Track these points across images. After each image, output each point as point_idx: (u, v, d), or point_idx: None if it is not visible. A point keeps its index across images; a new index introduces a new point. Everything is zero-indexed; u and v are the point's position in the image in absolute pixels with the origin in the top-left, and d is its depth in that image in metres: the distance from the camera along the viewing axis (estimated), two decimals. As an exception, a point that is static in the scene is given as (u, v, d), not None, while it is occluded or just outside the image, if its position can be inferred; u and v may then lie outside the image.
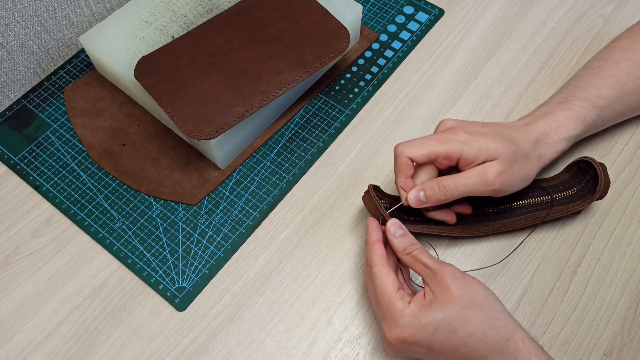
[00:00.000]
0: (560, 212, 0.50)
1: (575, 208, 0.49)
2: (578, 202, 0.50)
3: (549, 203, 0.51)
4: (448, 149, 0.45)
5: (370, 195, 0.47)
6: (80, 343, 0.47)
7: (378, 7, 0.67)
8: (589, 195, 0.49)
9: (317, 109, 0.59)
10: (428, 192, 0.45)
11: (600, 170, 0.48)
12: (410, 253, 0.43)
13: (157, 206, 0.54)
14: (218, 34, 0.55)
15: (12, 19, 0.54)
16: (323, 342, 0.47)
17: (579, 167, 0.51)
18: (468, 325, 0.39)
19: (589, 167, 0.50)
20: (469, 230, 0.50)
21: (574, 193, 0.51)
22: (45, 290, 0.49)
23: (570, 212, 0.50)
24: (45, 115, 0.59)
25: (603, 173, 0.48)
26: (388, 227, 0.45)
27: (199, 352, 0.47)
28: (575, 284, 0.50)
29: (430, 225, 0.50)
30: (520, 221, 0.50)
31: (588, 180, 0.50)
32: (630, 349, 0.47)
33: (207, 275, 0.50)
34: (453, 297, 0.40)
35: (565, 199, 0.51)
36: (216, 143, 0.51)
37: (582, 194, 0.50)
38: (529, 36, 0.65)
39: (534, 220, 0.50)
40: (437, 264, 0.42)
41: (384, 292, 0.42)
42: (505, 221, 0.51)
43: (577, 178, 0.51)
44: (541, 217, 0.50)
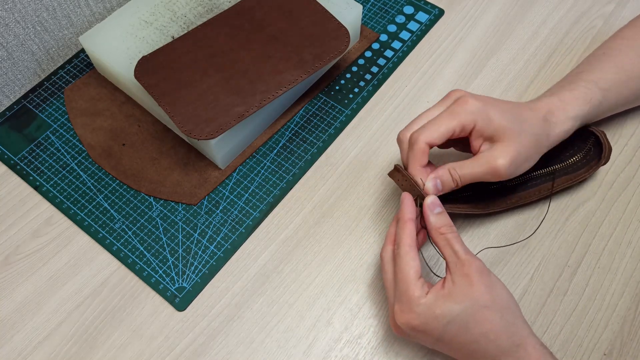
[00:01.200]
0: (570, 180, 0.51)
1: (582, 176, 0.51)
2: (584, 169, 0.52)
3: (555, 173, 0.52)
4: (462, 121, 0.44)
5: (402, 174, 0.46)
6: (80, 343, 0.47)
7: (378, 7, 0.67)
8: (594, 161, 0.51)
9: (317, 109, 0.59)
10: (443, 179, 0.44)
11: (602, 136, 0.51)
12: (445, 234, 0.42)
13: (157, 206, 0.54)
14: (218, 34, 0.55)
15: (12, 19, 0.54)
16: (323, 342, 0.47)
17: (578, 134, 0.52)
18: (483, 325, 0.39)
19: (589, 135, 0.52)
20: (489, 207, 0.50)
21: (578, 160, 0.52)
22: (45, 290, 0.50)
23: (578, 180, 0.51)
24: (45, 115, 0.59)
25: (605, 139, 0.51)
26: (428, 203, 0.43)
27: (199, 352, 0.47)
28: (575, 284, 0.50)
29: (457, 205, 0.49)
30: (535, 193, 0.51)
31: (589, 147, 0.52)
32: (630, 349, 0.47)
33: (207, 275, 0.50)
34: (475, 293, 0.39)
35: (570, 166, 0.52)
36: (216, 143, 0.51)
37: (586, 162, 0.52)
38: (529, 36, 0.65)
39: (548, 191, 0.51)
40: (468, 255, 0.41)
41: (405, 275, 0.41)
42: (521, 194, 0.51)
43: (577, 147, 0.53)
44: (551, 188, 0.51)
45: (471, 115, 0.44)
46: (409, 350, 0.47)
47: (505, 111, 0.45)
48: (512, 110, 0.45)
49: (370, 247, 0.52)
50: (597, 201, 0.54)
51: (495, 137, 0.44)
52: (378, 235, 0.52)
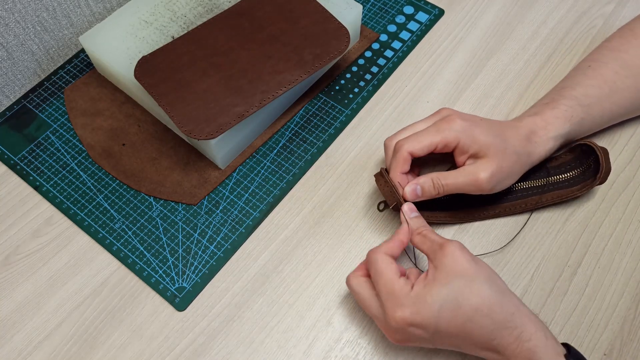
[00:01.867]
0: (560, 196, 0.51)
1: (575, 193, 0.51)
2: (578, 186, 0.51)
3: (546, 187, 0.52)
4: (446, 138, 0.46)
5: (385, 180, 0.48)
6: (80, 343, 0.47)
7: (378, 7, 0.67)
8: (590, 180, 0.51)
9: (317, 109, 0.59)
10: (424, 186, 0.47)
11: (602, 156, 0.49)
12: (421, 232, 0.44)
13: (157, 206, 0.54)
14: (218, 34, 0.55)
15: (12, 19, 0.54)
16: (323, 342, 0.47)
17: (582, 150, 0.52)
18: (473, 298, 0.39)
19: (591, 151, 0.51)
20: (471, 216, 0.51)
21: (575, 176, 0.52)
22: (45, 290, 0.49)
23: (570, 197, 0.51)
24: (45, 115, 0.59)
25: (604, 159, 0.49)
26: (405, 210, 0.47)
27: (199, 352, 0.47)
28: (575, 284, 0.50)
29: (434, 213, 0.50)
30: (520, 205, 0.51)
31: (590, 164, 0.51)
32: (630, 349, 0.47)
33: (207, 275, 0.50)
34: (458, 270, 0.40)
35: (565, 181, 0.52)
36: (216, 143, 0.51)
37: (583, 178, 0.51)
38: (529, 36, 0.65)
39: (534, 205, 0.51)
40: (444, 239, 0.43)
41: (386, 277, 0.42)
42: (505, 205, 0.51)
43: (579, 160, 0.52)
44: (540, 201, 0.51)
45: (455, 133, 0.46)
46: (409, 350, 0.47)
47: (490, 130, 0.47)
48: (496, 129, 0.48)
49: (370, 247, 0.51)
50: (597, 201, 0.54)
51: (479, 154, 0.46)
52: (378, 235, 0.52)
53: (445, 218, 0.51)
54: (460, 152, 0.47)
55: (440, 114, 0.49)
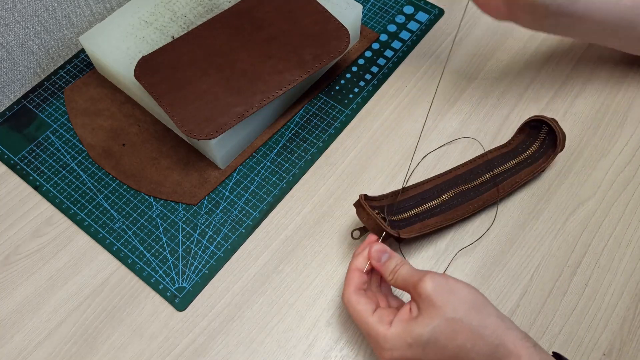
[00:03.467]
0: (532, 172, 0.53)
1: (542, 166, 0.53)
2: (542, 158, 0.53)
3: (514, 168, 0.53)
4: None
5: (366, 211, 0.46)
6: (80, 343, 0.47)
7: (378, 7, 0.67)
8: (550, 150, 0.53)
9: (317, 109, 0.59)
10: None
11: (555, 124, 0.52)
12: (395, 272, 0.42)
13: (157, 206, 0.54)
14: (218, 34, 0.55)
15: (12, 19, 0.54)
16: (323, 342, 0.47)
17: (531, 126, 0.55)
18: (456, 338, 0.39)
19: (541, 124, 0.54)
20: (460, 212, 0.51)
21: (534, 151, 0.54)
22: (45, 290, 0.50)
23: (539, 170, 0.53)
24: (45, 115, 0.59)
25: (558, 127, 0.52)
26: (373, 255, 0.44)
27: (199, 352, 0.47)
28: (575, 284, 0.50)
29: (425, 222, 0.50)
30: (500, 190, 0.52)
31: (544, 137, 0.54)
32: (630, 349, 0.47)
33: (207, 275, 0.50)
34: (437, 309, 0.39)
35: (529, 158, 0.53)
36: (216, 143, 0.51)
37: (543, 152, 0.54)
38: (529, 36, 0.65)
39: (511, 186, 0.52)
40: (416, 275, 0.41)
41: (360, 316, 0.42)
42: (486, 195, 0.52)
43: (531, 137, 0.55)
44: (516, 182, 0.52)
45: None
46: (408, 350, 0.47)
47: None
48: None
49: (370, 247, 0.52)
50: (597, 201, 0.54)
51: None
52: (378, 235, 0.52)
53: (436, 223, 0.50)
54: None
55: None
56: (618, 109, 0.59)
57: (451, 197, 0.52)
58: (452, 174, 0.53)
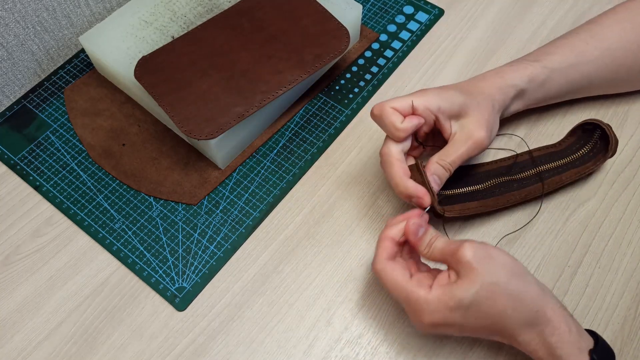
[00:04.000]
0: (579, 173, 0.52)
1: (590, 168, 0.52)
2: (592, 162, 0.53)
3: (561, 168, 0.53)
4: (426, 102, 0.47)
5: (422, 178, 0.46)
6: (80, 343, 0.47)
7: (378, 7, 0.67)
8: (601, 154, 0.52)
9: (317, 109, 0.59)
10: (438, 172, 0.47)
11: (609, 130, 0.51)
12: (431, 245, 0.43)
13: (157, 206, 0.54)
14: (218, 34, 0.55)
15: (12, 19, 0.54)
16: (323, 342, 0.47)
17: (584, 129, 0.54)
18: (497, 303, 0.39)
19: (595, 128, 0.53)
20: (500, 202, 0.51)
21: (584, 154, 0.53)
22: (45, 290, 0.49)
23: (587, 173, 0.52)
24: (45, 115, 0.59)
25: (612, 132, 0.51)
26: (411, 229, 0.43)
27: (199, 352, 0.47)
28: (575, 284, 0.50)
29: (465, 204, 0.50)
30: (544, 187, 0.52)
31: (596, 141, 0.53)
32: (631, 349, 0.47)
33: (207, 275, 0.50)
34: (477, 274, 0.39)
35: (577, 160, 0.53)
36: (216, 143, 0.51)
37: (593, 155, 0.53)
38: (528, 36, 0.65)
39: (556, 184, 0.52)
40: (454, 244, 0.41)
41: (396, 286, 0.41)
42: (529, 188, 0.52)
43: (582, 140, 0.54)
44: (561, 180, 0.52)
45: (434, 97, 0.47)
46: (409, 350, 0.47)
47: (460, 91, 0.48)
48: (464, 89, 0.49)
49: (370, 247, 0.52)
50: (597, 201, 0.54)
51: (461, 114, 0.47)
52: (378, 235, 0.52)
53: (477, 208, 0.50)
54: (444, 117, 0.47)
55: None
56: (618, 109, 0.59)
57: (494, 185, 0.52)
58: (497, 164, 0.53)
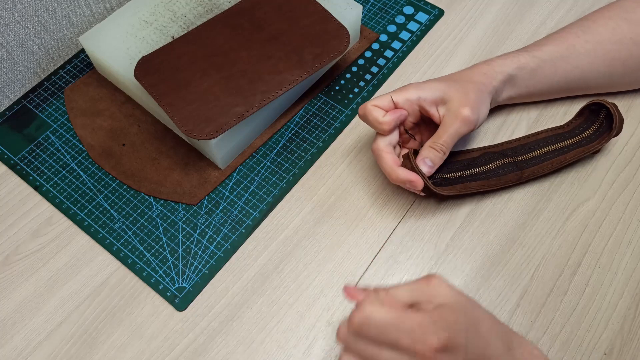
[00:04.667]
0: (583, 152, 0.53)
1: (595, 147, 0.53)
2: (597, 141, 0.53)
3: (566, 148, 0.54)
4: (406, 94, 0.50)
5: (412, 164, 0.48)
6: (80, 343, 0.47)
7: (378, 7, 0.67)
8: (606, 133, 0.53)
9: (317, 109, 0.59)
10: (430, 156, 0.48)
11: (613, 108, 0.52)
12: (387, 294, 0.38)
13: (157, 206, 0.54)
14: (218, 34, 0.55)
15: (12, 19, 0.54)
16: (323, 342, 0.47)
17: (591, 110, 0.54)
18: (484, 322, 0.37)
19: (601, 108, 0.53)
20: (502, 181, 0.52)
21: (591, 134, 0.54)
22: (45, 290, 0.49)
23: (591, 151, 0.53)
24: (45, 115, 0.59)
25: (616, 111, 0.52)
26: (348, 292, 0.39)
27: (199, 352, 0.47)
28: (575, 283, 0.50)
29: (466, 184, 0.51)
30: (547, 166, 0.53)
31: (602, 120, 0.54)
32: (630, 348, 0.47)
33: (207, 275, 0.50)
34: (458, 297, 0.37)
35: (583, 140, 0.54)
36: (216, 143, 0.51)
37: (599, 134, 0.54)
38: (529, 36, 0.65)
39: (560, 163, 0.53)
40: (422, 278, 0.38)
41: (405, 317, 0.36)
42: (533, 168, 0.53)
43: (590, 120, 0.54)
44: (565, 159, 0.53)
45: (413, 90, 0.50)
46: (409, 350, 0.47)
47: (441, 79, 0.51)
48: (445, 77, 0.52)
49: (370, 247, 0.52)
50: (597, 201, 0.54)
51: (444, 98, 0.49)
52: (378, 235, 0.52)
53: (478, 187, 0.51)
54: (428, 104, 0.50)
55: None
56: (618, 109, 0.59)
57: (498, 166, 0.53)
58: (504, 146, 0.54)
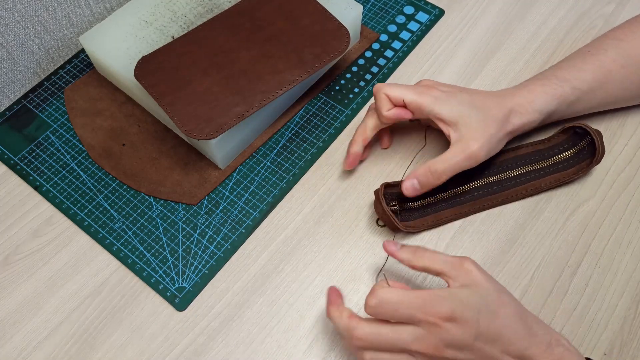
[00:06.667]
0: (558, 180, 0.52)
1: (571, 177, 0.52)
2: (574, 168, 0.53)
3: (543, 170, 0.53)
4: (420, 101, 0.48)
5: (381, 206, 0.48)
6: (80, 343, 0.47)
7: (378, 7, 0.67)
8: (585, 162, 0.52)
9: (317, 109, 0.59)
10: (421, 179, 0.47)
11: (598, 139, 0.51)
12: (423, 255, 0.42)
13: (157, 206, 0.54)
14: (218, 34, 0.55)
15: (12, 19, 0.54)
16: (323, 342, 0.47)
17: (575, 131, 0.54)
18: (505, 306, 0.39)
19: (585, 133, 0.53)
20: (475, 207, 0.52)
21: (570, 157, 0.53)
22: (45, 290, 0.49)
23: (567, 180, 0.52)
24: (45, 115, 0.59)
25: (600, 142, 0.51)
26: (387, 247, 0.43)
27: (199, 352, 0.47)
28: (575, 284, 0.50)
29: (439, 214, 0.51)
30: (521, 191, 0.52)
31: (583, 145, 0.53)
32: (630, 348, 0.47)
33: (207, 275, 0.50)
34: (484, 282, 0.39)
35: (560, 163, 0.53)
36: (216, 143, 0.51)
37: (577, 160, 0.53)
38: (529, 36, 0.65)
39: (535, 190, 0.52)
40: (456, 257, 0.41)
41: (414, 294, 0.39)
42: (507, 192, 0.52)
43: (571, 141, 0.54)
44: (540, 186, 0.52)
45: (431, 100, 0.48)
46: (409, 350, 0.47)
47: (469, 100, 0.48)
48: (476, 100, 0.49)
49: (370, 247, 0.52)
50: (597, 201, 0.54)
51: (460, 124, 0.47)
52: (378, 235, 0.52)
53: (451, 216, 0.51)
54: (440, 121, 0.48)
55: (423, 83, 0.51)
56: (618, 109, 0.59)
57: (475, 187, 0.52)
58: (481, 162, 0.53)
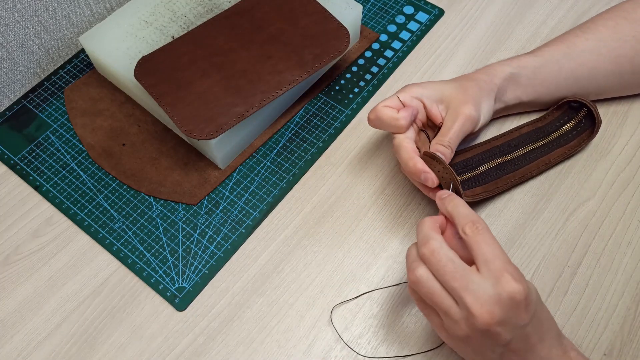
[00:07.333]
0: (565, 153, 0.55)
1: (576, 149, 0.55)
2: (575, 141, 0.55)
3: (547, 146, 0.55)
4: (410, 92, 0.50)
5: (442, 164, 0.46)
6: (80, 343, 0.47)
7: (378, 7, 0.67)
8: (585, 133, 0.55)
9: (317, 109, 0.59)
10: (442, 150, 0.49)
11: (593, 108, 0.53)
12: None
13: (157, 206, 0.54)
14: (218, 34, 0.55)
15: (12, 19, 0.54)
16: (323, 342, 0.47)
17: (570, 106, 0.56)
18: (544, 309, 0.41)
19: (581, 106, 0.55)
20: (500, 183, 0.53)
21: (568, 131, 0.55)
22: (45, 290, 0.49)
23: (572, 153, 0.55)
24: (45, 115, 0.59)
25: (597, 111, 0.54)
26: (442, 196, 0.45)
27: (199, 352, 0.47)
28: (575, 284, 0.50)
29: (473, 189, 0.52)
30: (533, 168, 0.54)
31: (580, 118, 0.55)
32: (630, 349, 0.47)
33: (207, 275, 0.50)
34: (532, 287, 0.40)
35: (562, 137, 0.55)
36: (216, 143, 0.51)
37: (577, 133, 0.55)
38: (529, 36, 0.65)
39: (546, 166, 0.54)
40: None
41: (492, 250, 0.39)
42: (521, 170, 0.54)
43: (567, 116, 0.56)
44: (550, 161, 0.54)
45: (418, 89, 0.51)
46: (409, 350, 0.47)
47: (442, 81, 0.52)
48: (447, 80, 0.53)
49: (370, 247, 0.52)
50: (597, 201, 0.54)
51: (444, 96, 0.50)
52: (378, 235, 0.52)
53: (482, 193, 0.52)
54: (430, 102, 0.50)
55: None
56: (618, 109, 0.59)
57: (490, 168, 0.53)
58: (491, 143, 0.55)
